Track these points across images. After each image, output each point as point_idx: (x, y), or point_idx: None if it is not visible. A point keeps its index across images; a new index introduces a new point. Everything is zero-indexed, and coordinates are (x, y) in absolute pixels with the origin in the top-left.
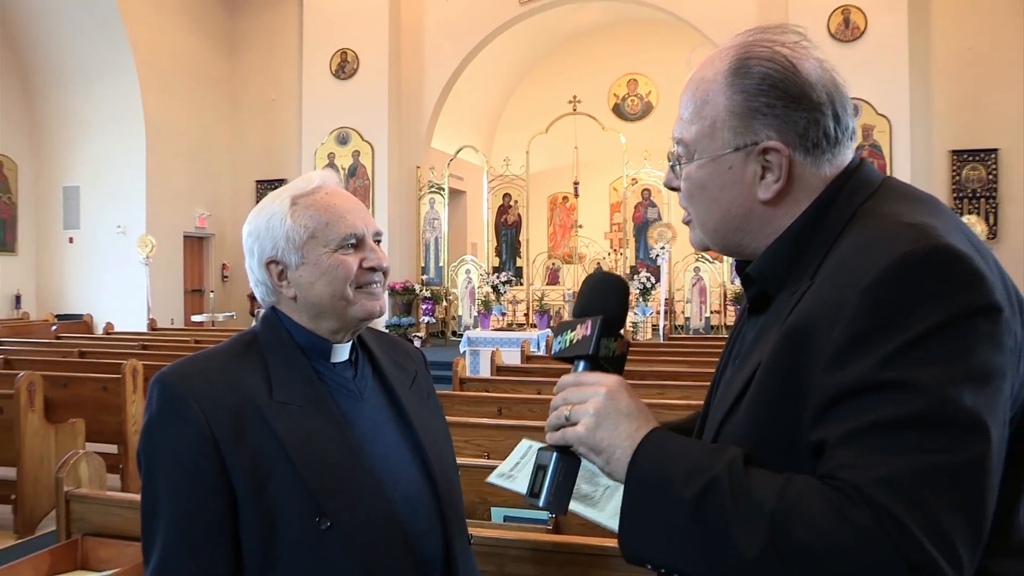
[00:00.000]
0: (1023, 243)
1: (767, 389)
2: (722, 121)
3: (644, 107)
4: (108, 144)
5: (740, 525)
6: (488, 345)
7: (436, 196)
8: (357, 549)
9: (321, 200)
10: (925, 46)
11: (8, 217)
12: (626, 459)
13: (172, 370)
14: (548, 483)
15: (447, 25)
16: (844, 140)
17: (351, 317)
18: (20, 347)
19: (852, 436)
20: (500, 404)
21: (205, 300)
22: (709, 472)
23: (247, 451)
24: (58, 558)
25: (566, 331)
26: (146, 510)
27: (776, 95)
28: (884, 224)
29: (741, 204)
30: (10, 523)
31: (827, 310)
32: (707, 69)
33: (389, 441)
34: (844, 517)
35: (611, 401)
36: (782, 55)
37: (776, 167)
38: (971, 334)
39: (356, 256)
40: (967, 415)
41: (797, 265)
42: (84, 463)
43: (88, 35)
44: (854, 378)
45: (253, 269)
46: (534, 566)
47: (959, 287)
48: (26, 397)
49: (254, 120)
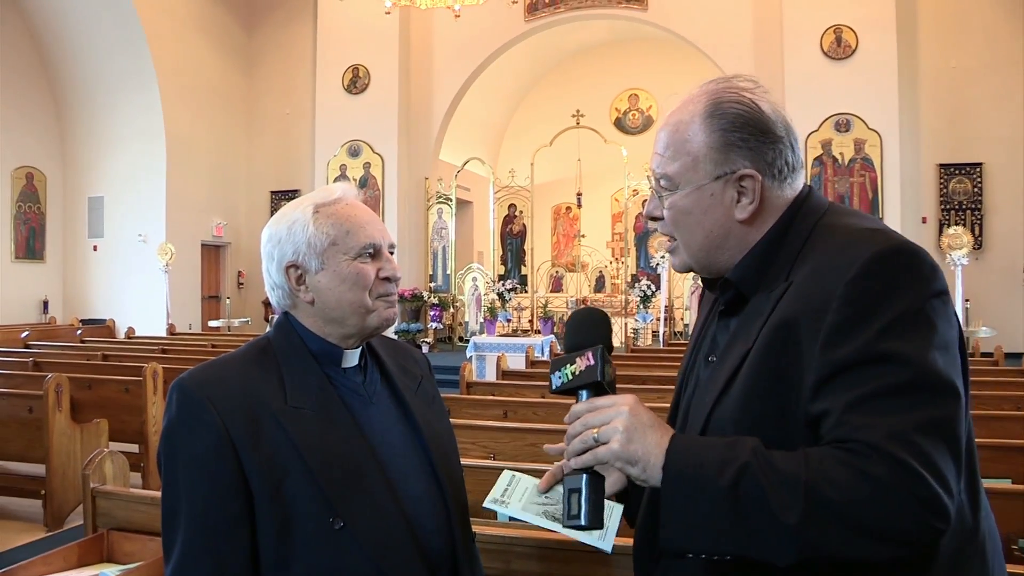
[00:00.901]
0: (1007, 253)
1: (760, 373)
2: (704, 155)
3: (645, 121)
4: (131, 157)
5: (778, 499)
6: (494, 350)
7: (444, 206)
8: (369, 548)
9: (342, 210)
10: (913, 64)
11: (37, 226)
12: (660, 464)
13: (191, 376)
14: (585, 503)
15: (455, 42)
16: (799, 168)
17: (368, 324)
18: (48, 350)
19: (859, 402)
20: (505, 407)
21: (221, 306)
22: (738, 460)
23: (263, 454)
24: (85, 551)
25: (564, 366)
26: (167, 509)
27: (748, 131)
28: (850, 231)
29: (722, 225)
30: (40, 516)
31: (814, 302)
32: (682, 113)
33: (397, 443)
34: (864, 472)
35: (635, 417)
36: (747, 98)
37: (751, 191)
38: (933, 313)
39: (373, 266)
40: (944, 379)
41: (769, 270)
42: (109, 461)
43: (114, 54)
44: (850, 354)
45: (271, 273)
46: (539, 563)
47: (921, 277)
48: (54, 398)
49: (269, 133)
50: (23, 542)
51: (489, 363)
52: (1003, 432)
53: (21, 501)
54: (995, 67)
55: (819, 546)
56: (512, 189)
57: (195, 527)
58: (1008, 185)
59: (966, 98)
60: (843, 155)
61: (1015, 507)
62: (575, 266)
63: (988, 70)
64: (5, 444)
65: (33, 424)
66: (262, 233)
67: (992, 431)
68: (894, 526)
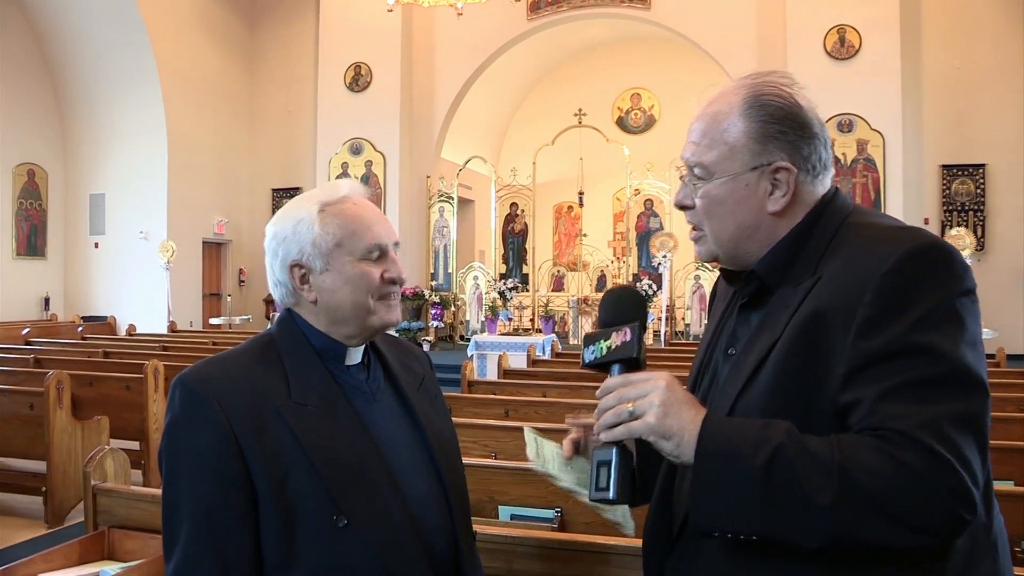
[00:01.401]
0: (1009, 254)
1: (788, 364)
2: (742, 145)
3: (647, 120)
4: (133, 154)
5: (811, 480)
6: (495, 349)
7: (445, 205)
8: (373, 546)
9: (349, 210)
10: (916, 65)
11: (39, 223)
12: (694, 441)
13: (193, 371)
14: (614, 477)
15: (457, 40)
16: (829, 167)
17: (369, 326)
18: (49, 347)
19: (891, 392)
20: (507, 406)
21: (222, 304)
22: (772, 441)
23: (267, 450)
24: (86, 548)
25: (599, 340)
26: (168, 507)
27: (787, 124)
28: (882, 229)
29: (754, 216)
30: (41, 513)
31: (846, 295)
32: (720, 104)
33: (401, 441)
34: (895, 459)
35: (671, 392)
36: (787, 92)
37: (784, 184)
38: (963, 310)
39: (378, 267)
40: (974, 375)
41: (796, 264)
42: (110, 459)
43: (116, 51)
44: (883, 345)
45: (275, 270)
46: (541, 563)
47: (954, 274)
48: (55, 395)
49: (271, 131)
50: (24, 539)
51: (490, 362)
52: (1006, 434)
53: (22, 498)
54: (999, 68)
55: (848, 530)
56: (514, 188)
57: (198, 525)
58: (1011, 187)
59: (969, 99)
60: (845, 156)
61: (1018, 509)
62: (576, 265)
63: (992, 71)
64: (6, 441)
65: (34, 421)
66: (266, 229)
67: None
68: (924, 514)
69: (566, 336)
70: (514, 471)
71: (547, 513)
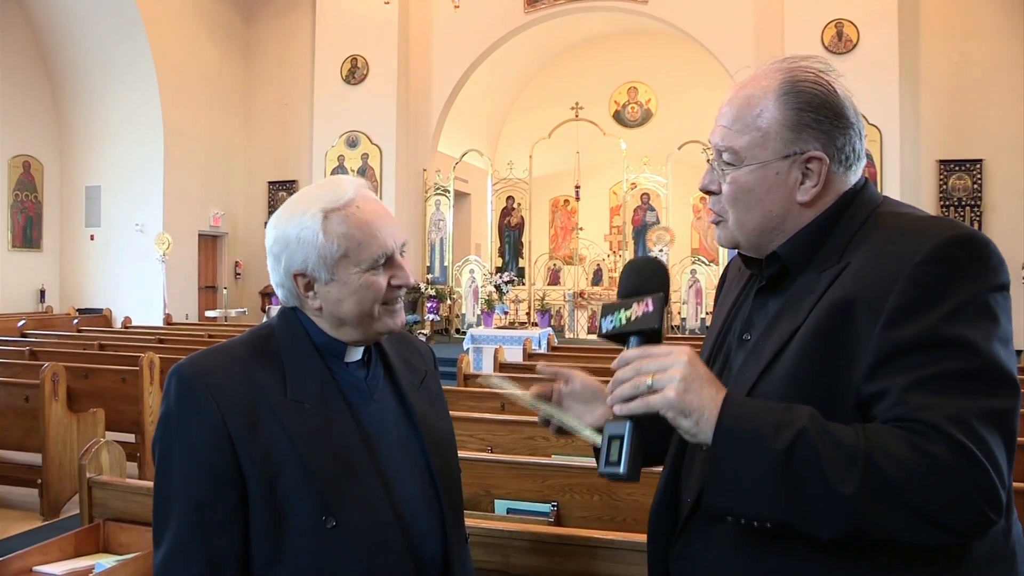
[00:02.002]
0: (1007, 250)
1: (811, 351)
2: (775, 132)
3: (644, 114)
4: (128, 146)
5: (835, 468)
6: (491, 343)
7: (442, 198)
8: (361, 548)
9: (354, 216)
10: (914, 60)
11: (34, 215)
12: (714, 419)
13: (190, 363)
14: (626, 453)
15: (454, 33)
16: (862, 157)
17: (373, 332)
18: (44, 339)
19: (921, 383)
20: (503, 400)
21: (218, 296)
22: (795, 425)
23: (260, 447)
24: (82, 541)
25: (618, 310)
26: (159, 498)
27: (823, 112)
28: (915, 219)
29: (782, 206)
30: (36, 505)
31: (876, 283)
32: (754, 87)
33: (396, 442)
34: (923, 450)
35: (693, 368)
36: (824, 79)
37: (816, 174)
38: (996, 306)
39: (385, 274)
40: (1007, 371)
41: (820, 249)
42: (106, 451)
43: (112, 43)
44: (914, 335)
45: (277, 272)
46: (537, 557)
47: (990, 267)
48: (50, 387)
49: (267, 123)
50: (19, 531)
51: (486, 355)
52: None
53: (17, 490)
54: (997, 63)
55: (869, 521)
56: (510, 181)
57: (187, 518)
58: (1008, 182)
59: (967, 94)
60: None
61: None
62: (573, 259)
63: (990, 66)
64: (1, 433)
65: (29, 413)
66: (267, 230)
67: None
68: (949, 510)
69: (562, 330)
70: (510, 465)
71: (543, 507)
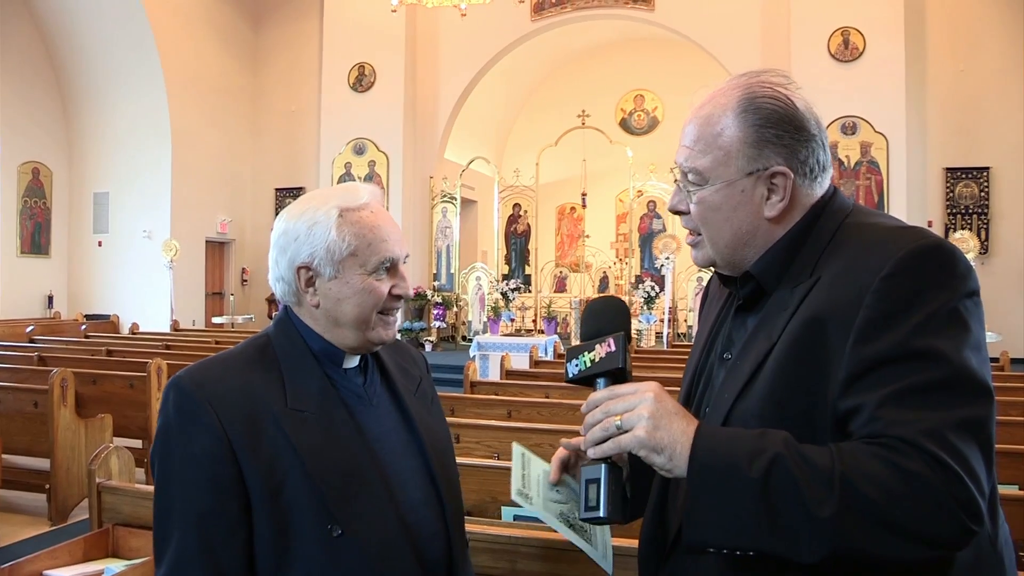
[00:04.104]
0: (1013, 258)
1: (786, 368)
2: (736, 150)
3: (650, 122)
4: (137, 153)
5: (811, 491)
6: (497, 350)
7: (448, 205)
8: (368, 555)
9: (367, 219)
10: (921, 67)
11: (43, 221)
12: (687, 453)
13: (188, 374)
14: (604, 495)
15: (461, 41)
16: (828, 168)
17: (366, 340)
18: (53, 345)
19: (893, 398)
20: (509, 407)
21: (225, 303)
22: (769, 452)
23: (262, 457)
24: (91, 545)
25: (582, 353)
26: (160, 511)
27: (784, 127)
28: (883, 229)
29: (750, 222)
30: (44, 511)
31: (846, 298)
32: (713, 106)
33: (397, 447)
34: (898, 467)
35: (660, 404)
36: (782, 93)
37: (781, 189)
38: (967, 313)
39: (387, 282)
40: (979, 379)
41: (792, 265)
42: (115, 456)
43: (121, 50)
44: (884, 350)
45: (280, 265)
46: (544, 563)
47: (957, 275)
48: (59, 392)
49: (275, 130)
50: (28, 535)
51: (492, 362)
52: (1010, 438)
53: (26, 495)
54: (1003, 71)
55: (849, 542)
56: (517, 188)
57: (190, 531)
58: (1015, 190)
59: (974, 102)
60: (849, 158)
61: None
62: (579, 266)
63: (996, 74)
64: (10, 438)
65: (38, 418)
66: (277, 221)
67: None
68: (928, 525)
69: (568, 337)
70: None
71: None
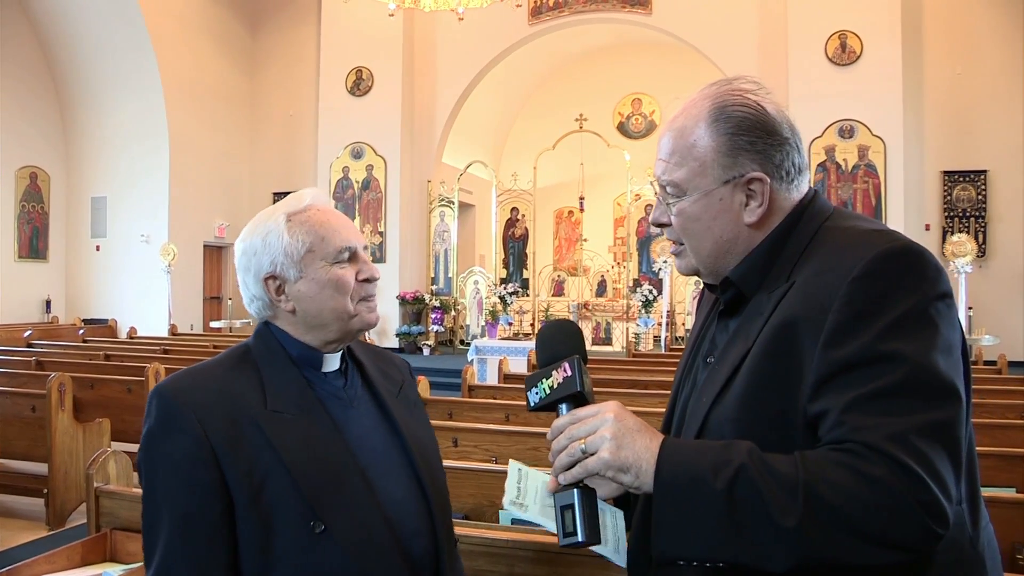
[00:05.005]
0: (1011, 261)
1: (759, 373)
2: (711, 160)
3: (648, 125)
4: (134, 157)
5: (776, 501)
6: (495, 354)
7: (446, 209)
8: (351, 551)
9: (314, 216)
10: (918, 70)
11: (40, 225)
12: (652, 469)
13: (170, 382)
14: (580, 520)
15: (459, 45)
16: (804, 170)
17: (351, 328)
18: (50, 349)
19: (858, 403)
20: (507, 410)
21: (223, 307)
22: (733, 463)
23: (243, 458)
24: (89, 550)
25: (540, 381)
26: (147, 517)
27: (755, 133)
28: (854, 233)
29: (731, 230)
30: (42, 515)
31: (816, 302)
32: (686, 118)
33: (379, 446)
34: (862, 473)
35: (621, 423)
36: (752, 100)
37: (759, 194)
38: (936, 315)
39: (352, 268)
40: (945, 381)
41: (771, 270)
42: (112, 461)
43: (118, 55)
44: (851, 354)
45: (249, 285)
46: (541, 567)
47: (926, 278)
48: (57, 397)
49: (272, 134)
50: (25, 540)
51: (490, 366)
52: (1007, 441)
53: (24, 499)
54: (1001, 74)
55: (816, 550)
56: (514, 192)
57: (175, 534)
58: (1012, 193)
59: (971, 105)
60: (846, 161)
61: (1019, 516)
62: (577, 270)
63: (994, 77)
64: (8, 443)
65: (36, 423)
66: (235, 246)
67: (996, 440)
68: (893, 529)
69: None
70: None
71: None
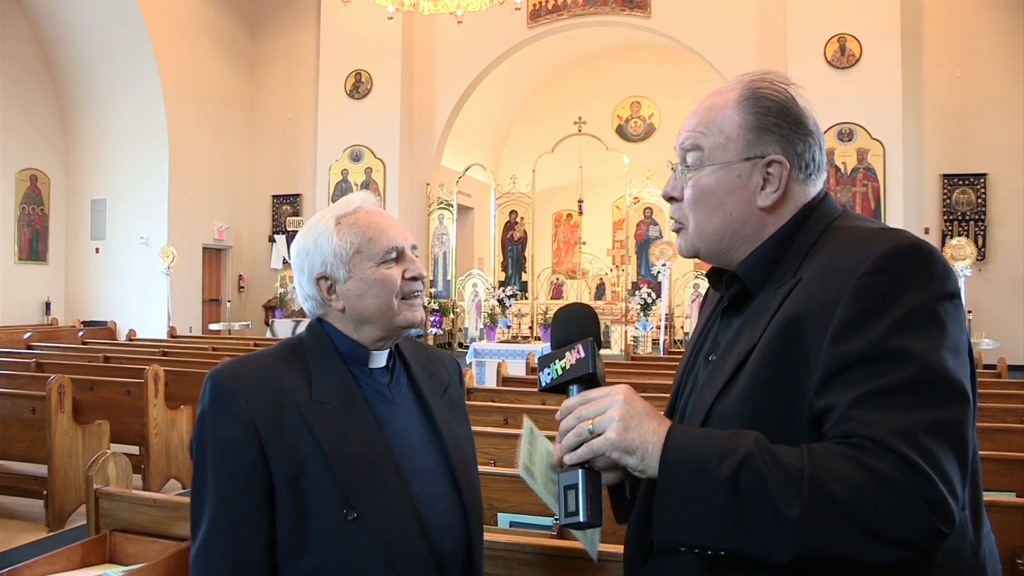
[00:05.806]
0: (1010, 264)
1: (765, 368)
2: (736, 135)
3: (647, 128)
4: (134, 160)
5: (780, 491)
6: (494, 357)
7: (445, 212)
8: (380, 540)
9: (363, 218)
10: (917, 73)
11: (40, 228)
12: (658, 453)
13: (223, 367)
14: (583, 500)
15: (458, 48)
16: (823, 169)
17: (395, 326)
18: (50, 351)
19: (865, 398)
20: (506, 413)
21: (222, 309)
22: (739, 451)
23: (285, 444)
24: (88, 551)
25: (553, 361)
26: (195, 493)
27: (783, 117)
28: (862, 231)
29: (742, 210)
30: (42, 517)
31: (823, 298)
32: (717, 97)
33: (417, 443)
34: (869, 468)
35: (630, 405)
36: (784, 88)
37: (776, 179)
38: (944, 314)
39: (398, 268)
40: (954, 381)
41: (778, 266)
42: (112, 463)
43: (118, 58)
44: (858, 349)
45: (303, 285)
46: (541, 570)
47: (934, 275)
48: (56, 399)
49: (272, 137)
50: (25, 542)
51: (489, 369)
52: (1007, 445)
53: (23, 501)
54: (1000, 78)
55: (818, 543)
56: (513, 195)
57: (219, 511)
58: (1012, 196)
59: (970, 108)
60: (846, 164)
61: (1019, 520)
62: (576, 273)
63: (993, 80)
64: (8, 444)
65: (36, 425)
66: (291, 248)
67: (996, 444)
68: (898, 526)
69: None
70: (513, 479)
71: (546, 520)
